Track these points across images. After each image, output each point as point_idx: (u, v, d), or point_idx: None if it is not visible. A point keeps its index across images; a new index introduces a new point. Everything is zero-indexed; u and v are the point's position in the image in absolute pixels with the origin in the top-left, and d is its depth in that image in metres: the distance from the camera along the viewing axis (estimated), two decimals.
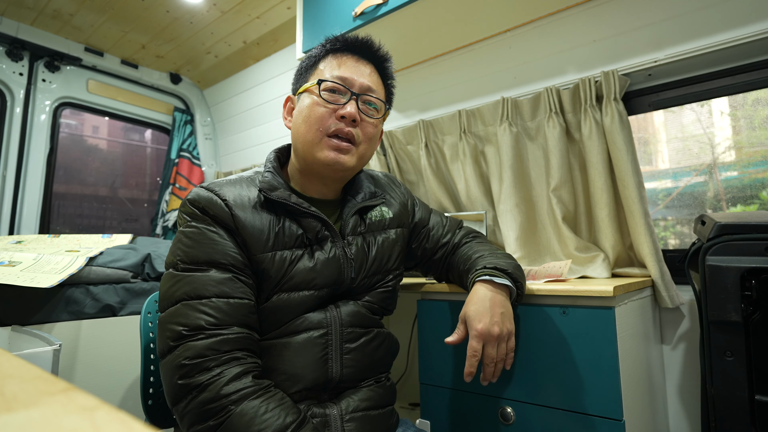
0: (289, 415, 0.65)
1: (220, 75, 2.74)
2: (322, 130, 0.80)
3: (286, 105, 0.91)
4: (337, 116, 0.81)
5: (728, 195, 1.37)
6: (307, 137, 0.81)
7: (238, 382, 0.65)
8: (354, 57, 0.87)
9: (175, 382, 0.65)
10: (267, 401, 0.66)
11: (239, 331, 0.70)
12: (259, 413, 0.63)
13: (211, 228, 0.74)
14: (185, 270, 0.72)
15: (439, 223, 1.03)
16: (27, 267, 1.28)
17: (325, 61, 0.86)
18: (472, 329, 0.76)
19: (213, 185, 0.79)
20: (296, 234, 0.79)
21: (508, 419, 0.92)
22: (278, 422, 0.63)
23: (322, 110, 0.81)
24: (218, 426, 0.63)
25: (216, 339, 0.67)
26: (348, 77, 0.83)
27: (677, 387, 1.22)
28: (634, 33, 1.25)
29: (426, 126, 1.65)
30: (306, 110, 0.82)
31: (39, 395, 0.23)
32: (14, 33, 2.20)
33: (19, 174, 2.23)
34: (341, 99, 0.82)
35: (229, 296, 0.71)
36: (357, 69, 0.85)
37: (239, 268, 0.74)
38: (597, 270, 1.23)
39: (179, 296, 0.70)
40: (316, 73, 0.85)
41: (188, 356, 0.65)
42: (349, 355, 0.80)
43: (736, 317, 0.85)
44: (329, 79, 0.82)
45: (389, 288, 0.90)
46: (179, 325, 0.67)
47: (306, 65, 0.89)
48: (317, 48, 0.88)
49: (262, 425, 0.62)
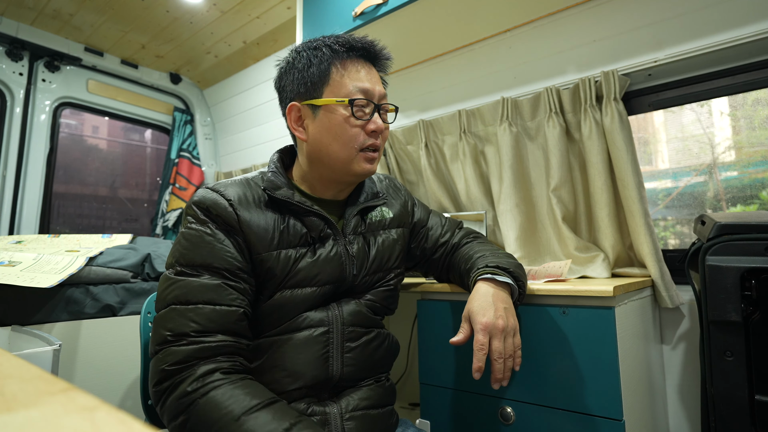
0: (255, 398, 0.64)
1: (220, 75, 2.74)
2: (356, 147, 0.82)
3: (291, 114, 0.84)
4: (367, 131, 0.82)
5: (728, 195, 1.37)
6: (341, 155, 0.81)
7: (206, 377, 0.66)
8: (367, 63, 0.85)
9: (154, 384, 0.68)
10: (234, 388, 0.65)
11: (223, 339, 0.70)
12: (223, 399, 0.63)
13: (209, 231, 0.75)
14: (179, 273, 0.73)
15: (438, 223, 1.04)
16: (27, 267, 1.28)
17: (338, 69, 0.82)
18: (477, 323, 0.75)
19: (218, 186, 0.79)
20: (300, 233, 0.80)
21: (508, 419, 0.92)
22: (242, 405, 0.63)
23: (356, 129, 0.81)
24: (187, 420, 0.64)
25: (197, 347, 0.68)
26: (369, 89, 0.82)
27: (677, 387, 1.22)
28: (634, 33, 1.25)
29: (426, 126, 1.65)
30: (337, 129, 0.80)
31: (39, 395, 0.23)
32: (14, 33, 2.20)
33: (19, 174, 2.23)
34: (367, 112, 0.82)
35: (216, 303, 0.71)
36: (372, 77, 0.84)
37: (233, 272, 0.74)
38: (597, 270, 1.23)
39: (170, 300, 0.71)
40: (334, 85, 0.81)
41: (169, 362, 0.67)
42: (350, 354, 0.80)
43: (736, 317, 0.85)
44: (356, 94, 0.81)
45: (391, 286, 0.91)
46: (165, 330, 0.69)
47: (314, 72, 0.82)
48: (322, 49, 0.83)
49: (226, 409, 0.62)
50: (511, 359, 0.77)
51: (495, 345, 0.75)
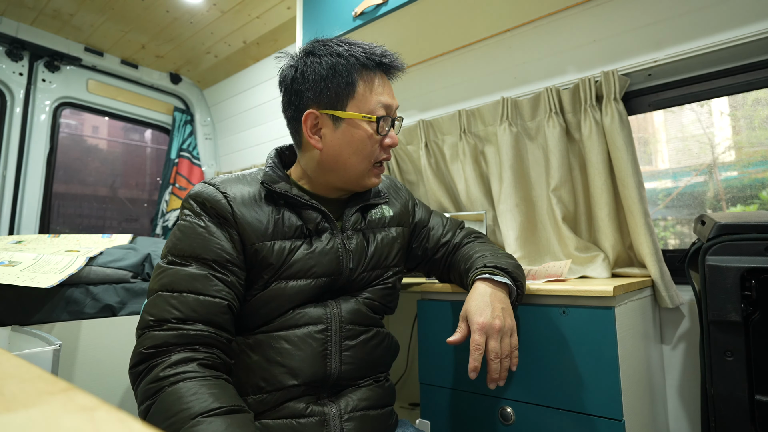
0: (218, 402, 0.62)
1: (220, 75, 2.74)
2: (372, 160, 0.83)
3: (307, 121, 0.81)
4: (383, 145, 0.83)
5: (728, 195, 1.37)
6: (358, 167, 0.83)
7: (181, 366, 0.66)
8: (385, 76, 0.85)
9: (131, 366, 0.69)
10: (202, 385, 0.64)
11: (203, 329, 0.70)
12: (187, 394, 0.62)
13: (201, 224, 0.76)
14: (170, 263, 0.74)
15: (440, 223, 1.04)
16: (27, 267, 1.28)
17: (363, 81, 0.80)
18: (474, 323, 0.76)
19: (215, 180, 0.81)
20: (295, 225, 0.81)
21: (508, 419, 0.92)
22: (203, 405, 0.61)
23: (375, 144, 0.82)
24: (151, 405, 0.64)
25: (175, 332, 0.68)
26: (390, 104, 0.83)
27: (677, 387, 1.22)
28: (634, 33, 1.25)
29: (426, 126, 1.65)
30: (358, 144, 0.81)
31: (39, 395, 0.23)
32: (14, 33, 2.20)
33: (19, 174, 2.23)
34: (386, 127, 0.83)
35: (200, 293, 0.72)
36: (390, 91, 0.85)
37: (221, 264, 0.74)
38: (597, 270, 1.23)
39: (157, 287, 0.72)
40: (359, 98, 0.80)
41: (146, 345, 0.68)
42: (348, 352, 0.80)
43: (736, 317, 0.85)
44: (380, 111, 0.81)
45: (389, 284, 0.90)
46: (149, 315, 0.70)
47: (339, 82, 0.79)
48: (348, 59, 0.79)
49: (186, 405, 0.61)
50: (507, 359, 0.77)
51: (491, 345, 0.75)
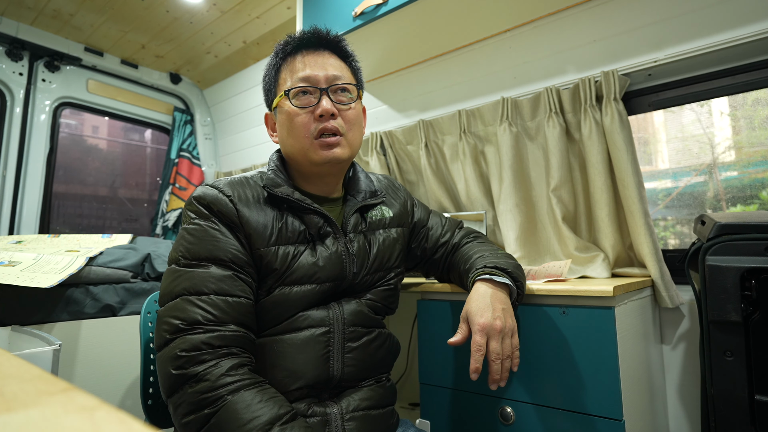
0: (282, 408, 0.66)
1: (220, 75, 2.74)
2: (308, 135, 0.82)
3: (268, 123, 0.93)
4: (315, 117, 0.82)
5: (728, 195, 1.37)
6: (297, 146, 0.83)
7: (235, 372, 0.66)
8: (309, 52, 0.86)
9: (170, 372, 0.66)
10: (261, 393, 0.66)
11: (236, 329, 0.70)
12: (253, 402, 0.64)
13: (213, 226, 0.75)
14: (186, 266, 0.73)
15: (438, 223, 1.04)
16: (27, 267, 1.28)
17: (284, 69, 0.87)
18: (475, 324, 0.75)
19: (218, 183, 0.80)
20: (299, 230, 0.80)
21: (508, 419, 0.92)
22: (272, 412, 0.64)
23: (301, 117, 0.82)
24: (213, 414, 0.63)
25: (212, 335, 0.68)
26: (310, 75, 0.83)
27: (677, 387, 1.22)
28: (634, 33, 1.25)
29: (426, 126, 1.65)
30: (286, 123, 0.84)
31: (39, 395, 0.23)
32: (14, 33, 2.20)
33: (19, 174, 2.23)
34: (313, 99, 0.83)
35: (228, 294, 0.71)
36: (316, 63, 0.85)
37: (240, 265, 0.74)
38: (597, 270, 1.23)
39: (179, 291, 0.71)
40: (281, 84, 0.86)
41: (184, 348, 0.66)
42: (351, 354, 0.80)
43: (736, 317, 0.85)
44: (293, 85, 0.83)
45: (391, 286, 0.91)
46: (177, 319, 0.68)
47: (269, 80, 0.89)
48: (272, 58, 0.89)
49: (256, 413, 0.63)
50: (508, 360, 0.77)
51: (492, 346, 0.75)
